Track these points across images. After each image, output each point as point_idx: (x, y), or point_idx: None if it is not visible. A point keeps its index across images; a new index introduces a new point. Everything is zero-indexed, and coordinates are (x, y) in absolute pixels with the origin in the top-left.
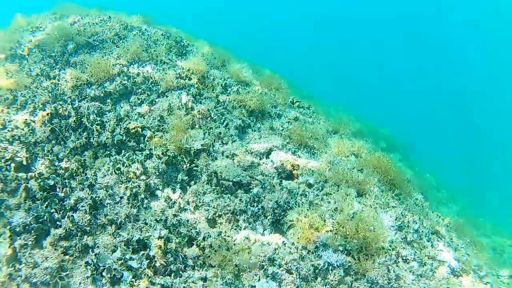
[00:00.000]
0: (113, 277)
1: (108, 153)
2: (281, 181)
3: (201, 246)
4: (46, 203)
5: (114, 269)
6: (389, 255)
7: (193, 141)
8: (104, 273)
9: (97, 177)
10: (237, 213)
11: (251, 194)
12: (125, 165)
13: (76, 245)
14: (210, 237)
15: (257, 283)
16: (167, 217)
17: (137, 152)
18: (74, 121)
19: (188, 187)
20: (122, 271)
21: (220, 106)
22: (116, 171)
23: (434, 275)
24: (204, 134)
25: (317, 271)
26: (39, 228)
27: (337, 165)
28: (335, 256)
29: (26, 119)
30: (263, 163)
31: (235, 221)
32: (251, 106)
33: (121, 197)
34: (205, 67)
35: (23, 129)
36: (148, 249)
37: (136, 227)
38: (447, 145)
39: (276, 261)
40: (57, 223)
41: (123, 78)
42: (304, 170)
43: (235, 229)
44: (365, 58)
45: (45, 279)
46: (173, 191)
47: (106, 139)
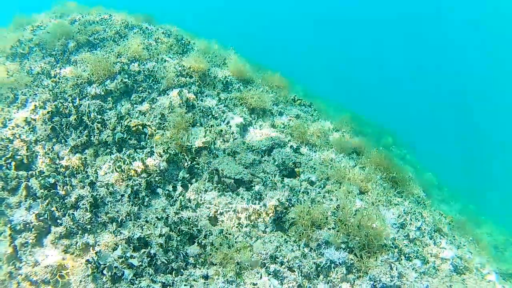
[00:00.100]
0: (114, 275)
1: (109, 151)
2: (282, 179)
3: (203, 244)
4: (46, 201)
5: (115, 267)
6: (392, 252)
7: (194, 138)
8: (104, 271)
9: (98, 175)
10: (239, 210)
11: (252, 191)
12: (126, 163)
13: (77, 243)
14: (211, 235)
15: (259, 281)
16: (168, 215)
17: (138, 150)
18: (75, 119)
19: (189, 184)
20: (123, 269)
21: (221, 103)
22: (117, 169)
23: (437, 272)
24: (205, 131)
25: (319, 268)
26: (40, 226)
27: (338, 163)
28: (337, 253)
29: (26, 117)
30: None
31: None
32: (252, 103)
33: (122, 195)
34: (206, 65)
35: (23, 127)
36: (149, 247)
37: (137, 225)
38: (447, 145)
39: (278, 258)
40: (58, 221)
41: (124, 76)
42: (305, 167)
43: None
44: (365, 58)
45: (46, 278)
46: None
47: (107, 137)
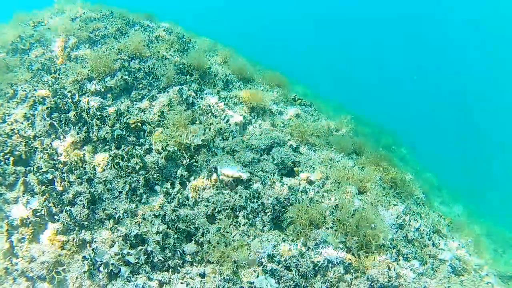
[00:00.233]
0: (110, 272)
1: (107, 147)
2: (281, 178)
3: (200, 241)
4: (44, 197)
5: (111, 264)
6: (390, 253)
7: (193, 136)
8: (101, 268)
9: (96, 171)
10: (237, 209)
11: (251, 190)
12: (124, 159)
13: (73, 239)
14: (208, 233)
15: (256, 280)
16: (165, 212)
17: (136, 147)
18: (74, 116)
19: (187, 182)
20: (119, 266)
21: (221, 102)
22: (115, 166)
23: (435, 274)
24: (204, 129)
25: (316, 268)
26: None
27: (338, 162)
28: (335, 253)
29: (25, 113)
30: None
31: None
32: (251, 102)
33: (120, 192)
34: (206, 63)
35: (22, 123)
36: (146, 244)
37: (134, 222)
38: (447, 145)
39: (275, 257)
40: (55, 217)
41: (124, 73)
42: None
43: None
44: (365, 58)
45: (42, 274)
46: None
47: (105, 133)
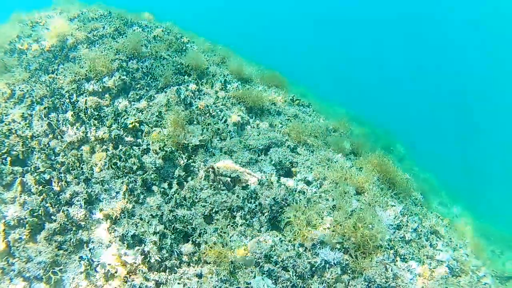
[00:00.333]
0: (107, 273)
1: (105, 147)
2: (279, 178)
3: (197, 242)
4: (41, 197)
5: (108, 264)
6: (387, 253)
7: (191, 136)
8: (98, 269)
9: (93, 171)
10: (234, 209)
11: (248, 190)
12: (122, 159)
13: (70, 239)
14: (206, 233)
15: (253, 280)
16: (163, 213)
17: (134, 147)
18: (71, 116)
19: (185, 182)
20: (116, 267)
21: (219, 102)
22: (112, 166)
23: (432, 274)
24: (202, 130)
25: (313, 268)
26: (34, 222)
27: (336, 163)
28: (332, 254)
29: (23, 113)
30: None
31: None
32: (249, 102)
33: (117, 192)
34: (204, 63)
35: (20, 123)
36: (143, 245)
37: (131, 222)
38: (447, 145)
39: (272, 258)
40: (52, 217)
41: (122, 73)
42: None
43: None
44: (365, 58)
45: (39, 274)
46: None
47: (103, 133)
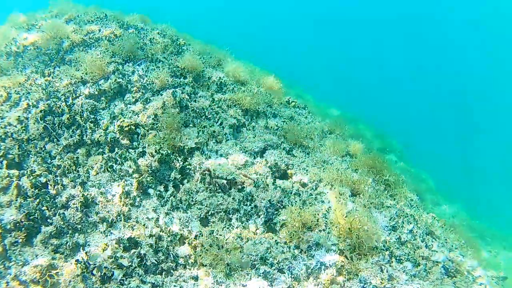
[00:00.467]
0: (103, 276)
1: (101, 150)
2: (274, 180)
3: (193, 244)
4: (37, 200)
5: (104, 267)
6: (383, 255)
7: (187, 139)
8: (94, 271)
9: (89, 174)
10: (230, 211)
11: (244, 192)
12: (118, 162)
13: (67, 243)
14: (202, 236)
15: (249, 282)
16: (158, 215)
17: (130, 150)
18: (67, 119)
19: (181, 185)
20: (112, 270)
21: (215, 104)
22: (108, 169)
23: (428, 275)
24: (198, 132)
25: (309, 270)
26: (30, 225)
27: (331, 165)
28: (327, 255)
29: (19, 116)
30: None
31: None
32: (245, 105)
33: (113, 195)
34: (200, 66)
35: (16, 126)
36: (139, 248)
37: (127, 225)
38: (447, 145)
39: (268, 260)
40: (48, 220)
41: (118, 76)
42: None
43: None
44: (365, 58)
45: (35, 277)
46: None
47: (99, 136)
